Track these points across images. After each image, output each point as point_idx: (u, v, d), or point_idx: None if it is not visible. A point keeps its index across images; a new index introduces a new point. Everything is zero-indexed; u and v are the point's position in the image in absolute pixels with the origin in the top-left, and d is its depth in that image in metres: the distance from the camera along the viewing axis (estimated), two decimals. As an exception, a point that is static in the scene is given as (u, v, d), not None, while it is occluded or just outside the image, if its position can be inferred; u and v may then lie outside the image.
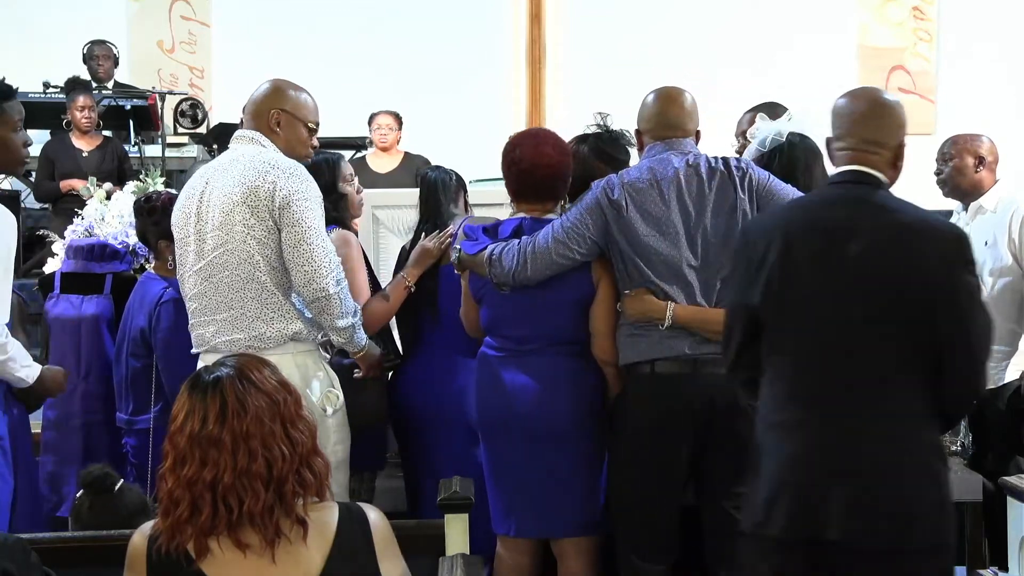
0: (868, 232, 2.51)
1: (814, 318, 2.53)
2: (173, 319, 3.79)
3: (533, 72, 8.62)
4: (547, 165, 3.48)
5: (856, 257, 2.50)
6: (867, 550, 2.44)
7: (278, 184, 3.28)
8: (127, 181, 5.54)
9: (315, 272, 3.30)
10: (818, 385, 2.52)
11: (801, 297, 2.54)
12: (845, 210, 2.57)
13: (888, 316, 2.48)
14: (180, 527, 2.08)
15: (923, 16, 9.04)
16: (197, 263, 3.37)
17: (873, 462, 2.46)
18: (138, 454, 3.90)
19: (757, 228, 2.72)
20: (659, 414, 3.25)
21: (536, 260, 3.34)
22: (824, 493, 2.45)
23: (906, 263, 2.50)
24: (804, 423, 2.51)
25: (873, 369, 2.49)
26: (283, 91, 3.49)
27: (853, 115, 2.64)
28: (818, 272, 2.53)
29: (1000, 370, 4.28)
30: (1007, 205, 4.37)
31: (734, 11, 8.81)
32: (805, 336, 2.54)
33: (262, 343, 3.30)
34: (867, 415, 2.48)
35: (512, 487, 3.46)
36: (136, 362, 3.91)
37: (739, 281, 2.67)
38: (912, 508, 2.45)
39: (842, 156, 2.65)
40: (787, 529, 2.48)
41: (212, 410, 2.08)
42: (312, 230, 3.30)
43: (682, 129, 3.40)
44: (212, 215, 3.34)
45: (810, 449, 2.49)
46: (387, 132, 7.48)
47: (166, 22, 8.97)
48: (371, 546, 2.18)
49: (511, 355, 3.46)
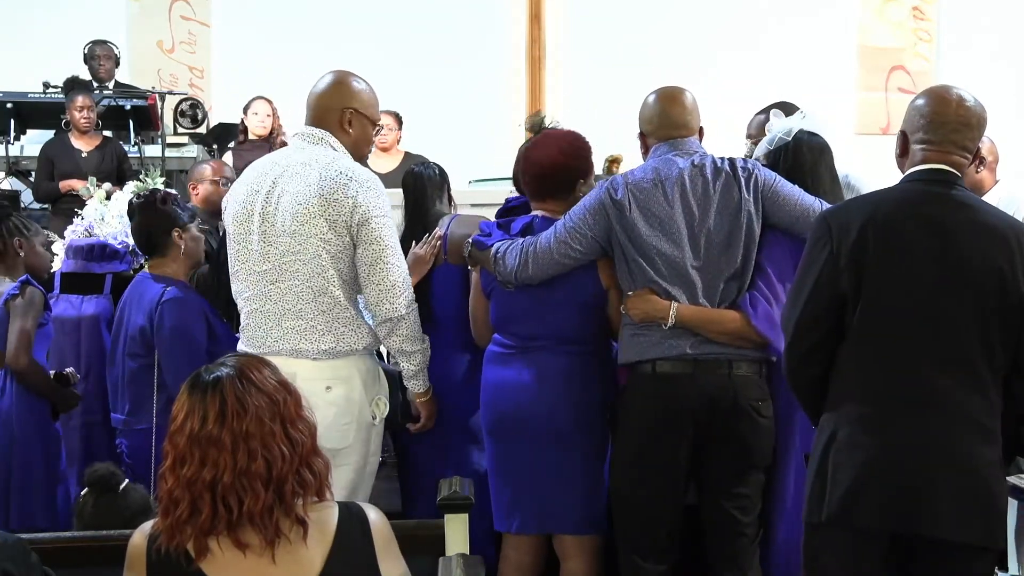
0: (964, 230, 2.55)
1: (909, 310, 2.53)
2: (177, 317, 3.75)
3: (533, 72, 8.61)
4: (561, 165, 3.49)
5: (954, 254, 2.53)
6: (959, 545, 2.48)
7: (358, 199, 3.22)
8: (127, 181, 5.54)
9: (389, 291, 3.28)
10: (910, 379, 2.53)
11: (897, 288, 2.54)
12: (939, 206, 2.58)
13: (977, 315, 2.52)
14: (180, 527, 2.08)
15: (923, 16, 9.04)
16: (262, 264, 3.31)
17: (968, 459, 2.49)
18: (134, 455, 3.85)
19: (844, 216, 2.64)
20: (660, 414, 3.25)
21: (538, 259, 3.34)
22: (923, 486, 2.47)
23: (1000, 263, 2.53)
24: (895, 416, 2.52)
25: (962, 365, 2.52)
26: (353, 87, 3.39)
27: (946, 117, 2.65)
28: (915, 265, 2.54)
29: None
30: (1007, 205, 4.37)
31: (734, 11, 8.82)
32: (898, 327, 2.54)
33: (329, 356, 3.28)
34: (957, 413, 2.51)
35: (516, 483, 3.47)
36: (134, 362, 3.85)
37: (823, 269, 2.59)
38: (999, 508, 2.53)
39: (926, 153, 2.65)
40: (879, 520, 2.49)
41: (212, 410, 2.08)
42: (389, 248, 3.27)
43: (686, 127, 3.40)
44: (283, 219, 3.26)
45: (905, 442, 2.50)
46: (387, 132, 7.47)
47: (166, 22, 8.97)
48: (371, 546, 2.17)
49: (518, 352, 3.47)
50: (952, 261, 2.52)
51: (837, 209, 2.72)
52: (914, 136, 2.67)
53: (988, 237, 2.54)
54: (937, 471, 2.48)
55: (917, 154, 2.66)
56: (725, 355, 3.23)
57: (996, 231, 2.56)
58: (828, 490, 2.55)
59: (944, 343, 2.52)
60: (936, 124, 2.64)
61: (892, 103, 8.98)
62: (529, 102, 8.58)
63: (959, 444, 2.50)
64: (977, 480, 2.50)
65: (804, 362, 2.67)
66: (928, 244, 2.54)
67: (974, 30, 8.82)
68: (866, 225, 2.57)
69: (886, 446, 2.51)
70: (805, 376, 2.68)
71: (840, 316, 2.59)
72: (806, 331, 2.63)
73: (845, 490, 2.53)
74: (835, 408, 2.60)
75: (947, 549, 2.49)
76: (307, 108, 3.41)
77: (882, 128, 8.89)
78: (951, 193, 2.60)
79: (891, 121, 8.97)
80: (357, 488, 3.32)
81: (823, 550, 2.59)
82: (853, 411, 2.56)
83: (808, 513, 2.62)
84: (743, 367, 3.24)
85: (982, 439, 2.51)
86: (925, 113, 2.66)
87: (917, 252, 2.54)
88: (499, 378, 3.49)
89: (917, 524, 2.48)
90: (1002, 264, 2.53)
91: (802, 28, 8.79)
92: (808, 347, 2.64)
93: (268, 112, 7.35)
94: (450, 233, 3.80)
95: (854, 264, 2.55)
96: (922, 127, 2.66)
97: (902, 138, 2.71)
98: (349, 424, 3.30)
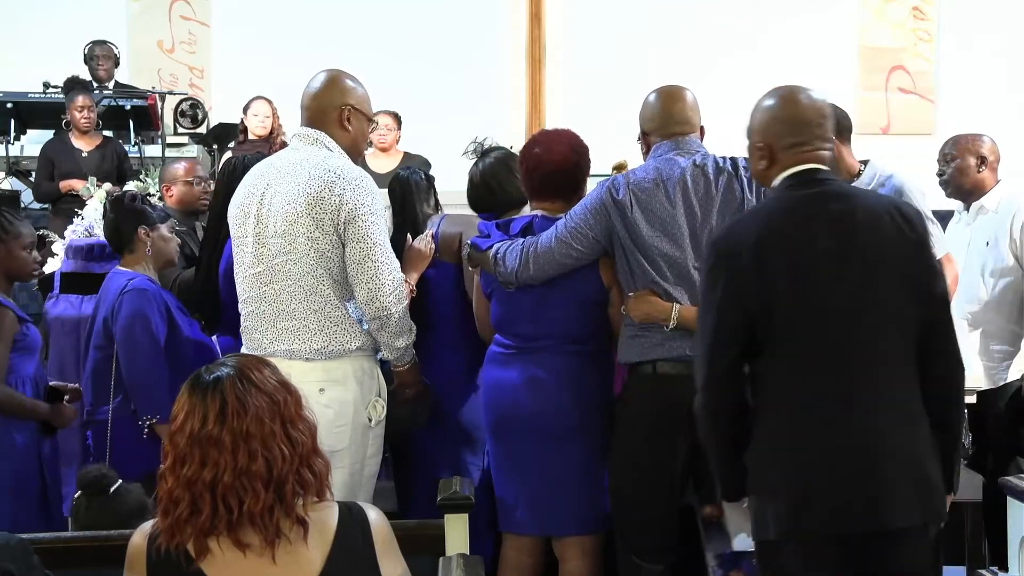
0: (853, 222, 2.56)
1: (822, 312, 2.54)
2: (135, 307, 3.74)
3: (533, 72, 8.62)
4: (560, 162, 3.50)
5: (852, 249, 2.55)
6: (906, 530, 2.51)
7: (345, 196, 3.21)
8: (127, 181, 5.55)
9: (379, 290, 3.26)
10: (834, 380, 2.53)
11: (806, 294, 2.54)
12: (825, 205, 2.59)
13: (886, 300, 2.55)
14: (180, 527, 2.08)
15: (923, 16, 9.04)
16: (256, 266, 3.31)
17: (903, 447, 2.52)
18: (97, 446, 3.84)
19: (733, 238, 2.64)
20: (660, 414, 3.25)
21: (538, 260, 3.34)
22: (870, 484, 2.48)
23: (892, 246, 2.57)
24: (827, 419, 2.51)
25: (882, 356, 2.54)
26: (348, 85, 3.39)
27: (806, 116, 2.67)
28: (819, 267, 2.54)
29: (1001, 370, 4.28)
30: (1008, 205, 4.37)
31: (734, 11, 8.82)
32: (814, 332, 2.54)
33: (322, 356, 3.28)
34: (885, 405, 2.53)
35: (517, 483, 3.47)
36: (98, 353, 3.85)
37: (725, 292, 2.58)
38: (935, 482, 2.56)
39: (799, 155, 2.65)
40: (832, 526, 2.49)
41: (212, 410, 2.08)
42: (378, 246, 3.26)
43: (688, 125, 3.39)
44: (274, 220, 3.27)
45: (842, 443, 2.50)
46: (386, 132, 7.47)
47: (166, 22, 8.97)
48: (371, 546, 2.17)
49: (519, 352, 3.47)
50: (852, 255, 2.54)
51: (725, 233, 2.71)
52: (781, 143, 2.66)
53: (875, 222, 2.58)
54: (877, 465, 2.49)
55: (788, 159, 2.66)
56: (725, 356, 3.23)
57: (878, 214, 2.60)
58: (774, 505, 2.54)
59: (861, 338, 2.54)
60: (799, 125, 2.66)
61: (892, 103, 8.99)
62: (529, 102, 8.60)
63: (892, 436, 2.52)
64: (914, 463, 2.53)
65: (723, 382, 2.60)
66: (826, 244, 2.54)
67: (974, 30, 8.81)
68: (760, 241, 2.56)
69: (824, 451, 2.51)
70: (726, 400, 2.61)
71: (750, 334, 2.57)
72: (720, 354, 2.58)
73: (791, 503, 2.51)
74: (764, 423, 2.58)
75: (896, 537, 2.51)
76: (302, 109, 3.41)
77: (882, 128, 8.89)
78: (832, 189, 2.63)
79: (891, 121, 8.97)
80: (354, 491, 3.29)
81: (780, 567, 2.57)
82: (783, 422, 2.56)
83: (757, 531, 2.59)
84: (743, 367, 3.24)
85: (912, 424, 2.55)
86: (783, 118, 2.68)
87: (818, 255, 2.55)
88: (500, 378, 3.49)
89: (872, 521, 2.49)
90: (895, 246, 2.57)
91: (802, 28, 8.79)
92: (725, 367, 2.59)
93: (268, 112, 7.36)
94: (441, 231, 3.80)
95: (757, 281, 2.55)
96: (785, 132, 2.66)
97: (767, 151, 2.68)
98: (344, 427, 3.28)
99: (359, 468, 3.35)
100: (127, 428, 3.79)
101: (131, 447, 3.75)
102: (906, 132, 8.77)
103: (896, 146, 8.07)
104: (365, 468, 3.38)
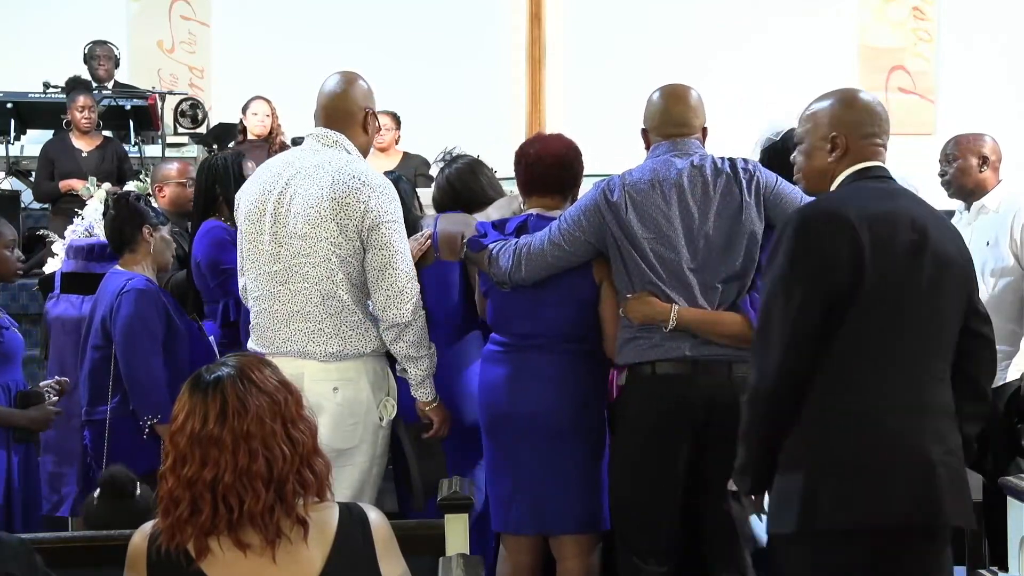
0: (931, 223, 2.62)
1: (903, 307, 2.56)
2: (134, 307, 3.75)
3: (533, 72, 8.60)
4: (553, 155, 3.53)
5: (931, 245, 2.58)
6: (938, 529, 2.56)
7: (370, 203, 3.24)
8: (127, 181, 5.55)
9: (396, 297, 3.28)
10: (902, 377, 2.56)
11: (892, 284, 2.55)
12: (905, 202, 2.65)
13: (952, 304, 2.62)
14: (180, 527, 2.08)
15: (923, 16, 9.04)
16: (272, 265, 3.32)
17: (951, 450, 2.57)
18: (94, 446, 3.84)
19: (832, 213, 2.59)
20: (659, 415, 3.25)
21: (531, 261, 3.34)
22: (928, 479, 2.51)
23: (956, 252, 2.65)
24: (891, 409, 2.53)
25: (941, 356, 2.61)
26: (367, 88, 3.45)
27: (874, 109, 2.76)
28: (906, 261, 2.57)
29: (1001, 370, 4.28)
30: (1009, 205, 4.37)
31: (734, 11, 8.82)
32: (895, 319, 2.55)
33: (336, 359, 3.30)
34: (937, 404, 2.58)
35: (512, 483, 3.47)
36: (96, 353, 3.86)
37: (811, 267, 2.54)
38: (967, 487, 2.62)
39: (873, 146, 2.72)
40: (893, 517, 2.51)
41: (213, 410, 2.08)
42: (399, 254, 3.29)
43: (688, 126, 3.38)
44: (294, 222, 3.28)
45: (901, 442, 2.52)
46: (385, 132, 7.48)
47: (166, 22, 8.97)
48: (371, 546, 2.17)
49: (514, 351, 3.47)
50: (927, 249, 2.57)
51: (819, 210, 2.64)
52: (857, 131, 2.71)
53: (941, 225, 2.66)
54: (934, 464, 2.52)
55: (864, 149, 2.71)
56: (725, 356, 3.23)
57: (942, 218, 2.72)
58: (842, 488, 2.51)
59: (931, 329, 2.58)
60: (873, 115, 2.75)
61: (892, 103, 8.97)
62: (529, 102, 8.58)
63: (948, 438, 2.57)
64: (957, 466, 2.58)
65: (796, 364, 2.53)
66: (907, 236, 2.57)
67: (974, 30, 8.82)
68: (859, 220, 2.54)
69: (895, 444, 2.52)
70: (793, 380, 2.54)
71: (831, 314, 2.53)
72: (804, 329, 2.52)
73: (870, 489, 2.50)
74: (829, 403, 2.54)
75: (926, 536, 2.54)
76: (320, 109, 3.42)
77: (882, 128, 8.88)
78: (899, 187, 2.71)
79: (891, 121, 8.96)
80: (362, 489, 3.33)
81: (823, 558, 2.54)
82: (854, 403, 2.53)
83: (800, 522, 2.52)
84: (743, 368, 3.22)
85: (953, 427, 2.61)
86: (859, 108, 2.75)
87: (903, 243, 2.57)
88: (496, 377, 3.49)
89: (934, 516, 2.51)
90: (959, 253, 2.65)
91: (802, 28, 8.79)
92: (798, 353, 2.53)
93: (267, 112, 7.36)
94: (440, 230, 3.80)
95: (856, 258, 2.53)
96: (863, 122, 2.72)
97: (841, 140, 2.70)
98: (355, 425, 3.32)
99: (368, 467, 3.38)
100: (125, 428, 3.80)
101: (129, 447, 3.76)
102: (906, 132, 8.74)
103: (896, 146, 8.05)
104: (374, 467, 3.41)
